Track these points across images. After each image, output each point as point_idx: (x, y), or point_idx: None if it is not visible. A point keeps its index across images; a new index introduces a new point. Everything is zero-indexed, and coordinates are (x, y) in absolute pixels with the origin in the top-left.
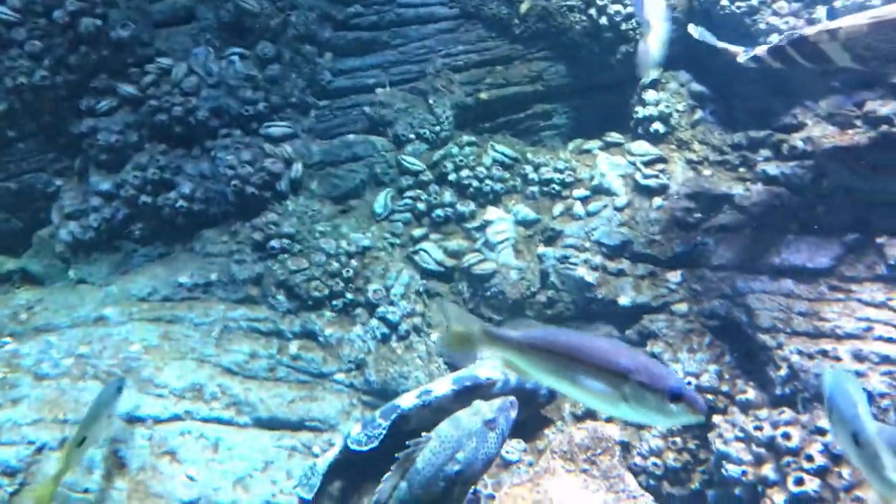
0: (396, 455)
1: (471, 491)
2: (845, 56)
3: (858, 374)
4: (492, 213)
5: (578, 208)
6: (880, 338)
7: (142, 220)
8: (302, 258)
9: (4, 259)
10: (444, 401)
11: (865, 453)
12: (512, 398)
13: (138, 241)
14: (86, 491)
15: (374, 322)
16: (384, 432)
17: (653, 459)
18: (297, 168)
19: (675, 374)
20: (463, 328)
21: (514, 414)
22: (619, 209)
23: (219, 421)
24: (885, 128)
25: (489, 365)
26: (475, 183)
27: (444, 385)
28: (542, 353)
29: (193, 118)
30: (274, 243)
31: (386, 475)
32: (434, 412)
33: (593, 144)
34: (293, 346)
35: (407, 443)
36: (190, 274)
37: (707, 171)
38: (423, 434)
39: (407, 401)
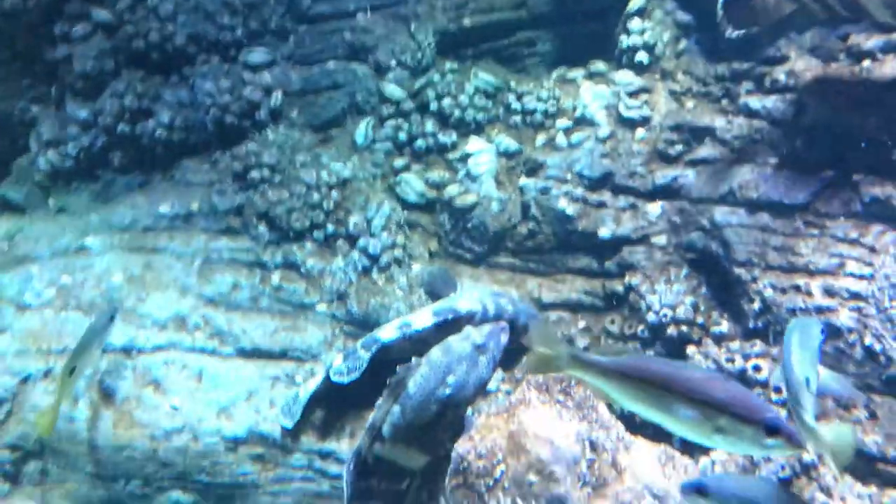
0: (388, 380)
1: (466, 414)
2: (886, 12)
3: (828, 310)
4: (474, 143)
5: (561, 139)
6: (851, 274)
7: (121, 149)
8: (282, 189)
9: None
10: (425, 333)
11: (792, 398)
12: (503, 324)
13: (118, 171)
14: (72, 420)
15: (356, 254)
16: (365, 364)
17: None
18: (277, 96)
19: (770, 407)
20: (549, 351)
21: (505, 339)
22: (601, 140)
23: (202, 351)
24: (867, 62)
25: (469, 297)
26: (457, 112)
27: (424, 317)
28: (633, 381)
29: (170, 45)
30: (254, 173)
31: (379, 400)
32: (414, 343)
33: (577, 73)
34: (275, 277)
35: (397, 368)
36: (171, 204)
37: (690, 103)
38: (414, 359)
39: (388, 333)
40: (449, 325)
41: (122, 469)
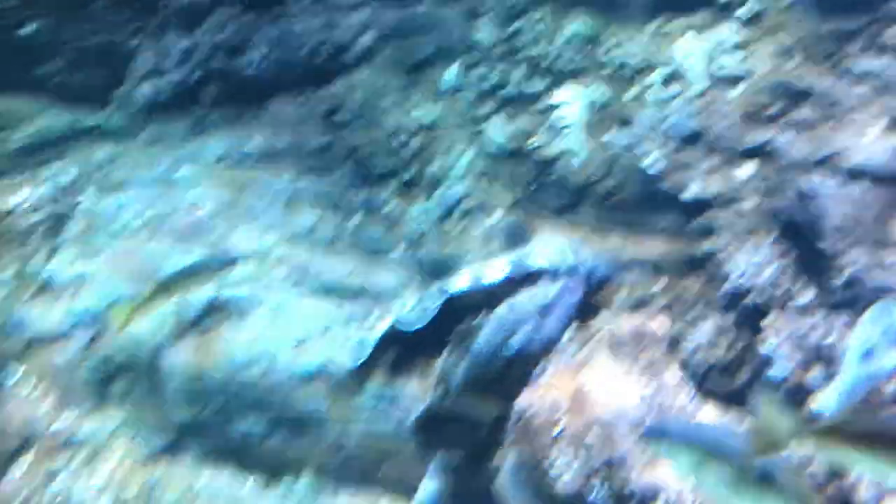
0: (453, 334)
1: (534, 370)
2: None
3: None
4: (562, 93)
5: (652, 94)
6: None
7: (214, 84)
8: (367, 131)
9: (85, 115)
10: (497, 285)
11: None
12: (576, 279)
13: (211, 105)
14: (153, 344)
15: (434, 201)
16: (435, 312)
17: (701, 354)
18: (367, 38)
19: None
20: None
21: (576, 296)
22: (694, 97)
23: (281, 286)
24: None
25: (544, 250)
26: (547, 60)
27: (497, 269)
28: None
29: None
30: (340, 114)
31: (445, 353)
32: (486, 295)
33: (675, 26)
34: (355, 219)
35: (464, 321)
36: (259, 140)
37: (792, 62)
38: (481, 315)
39: (459, 283)
40: (522, 279)
41: (200, 394)
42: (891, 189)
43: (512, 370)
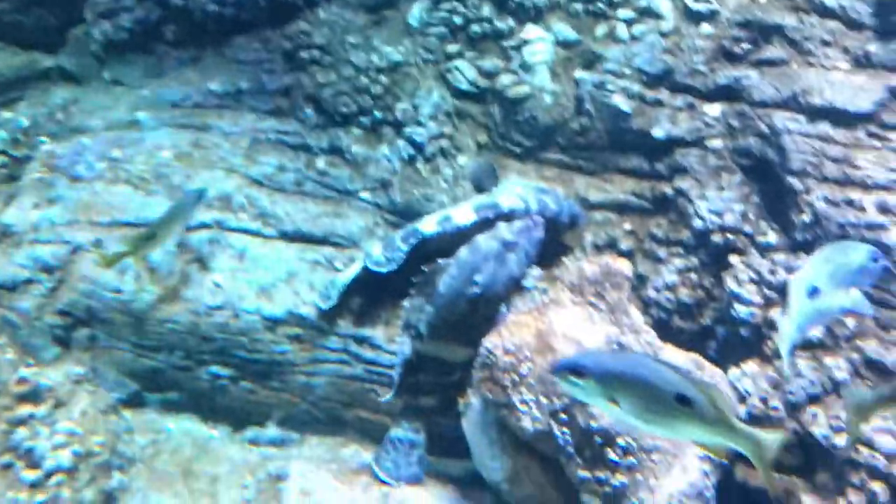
0: (416, 281)
1: (501, 310)
2: None
3: (879, 227)
4: (531, 31)
5: (622, 31)
6: None
7: (174, 23)
8: (331, 71)
9: (41, 56)
10: (465, 228)
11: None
12: (537, 217)
13: (171, 45)
14: (118, 291)
15: (401, 142)
16: (404, 256)
17: (666, 294)
18: None
19: None
20: None
21: (538, 235)
22: (664, 34)
23: (246, 231)
24: None
25: (512, 192)
26: None
27: (465, 212)
28: None
29: None
30: (304, 54)
31: (408, 300)
32: (454, 238)
33: None
34: (320, 162)
35: (423, 268)
36: (221, 81)
37: None
38: (440, 260)
39: (428, 226)
40: (490, 222)
41: (166, 341)
42: (855, 127)
43: (477, 311)
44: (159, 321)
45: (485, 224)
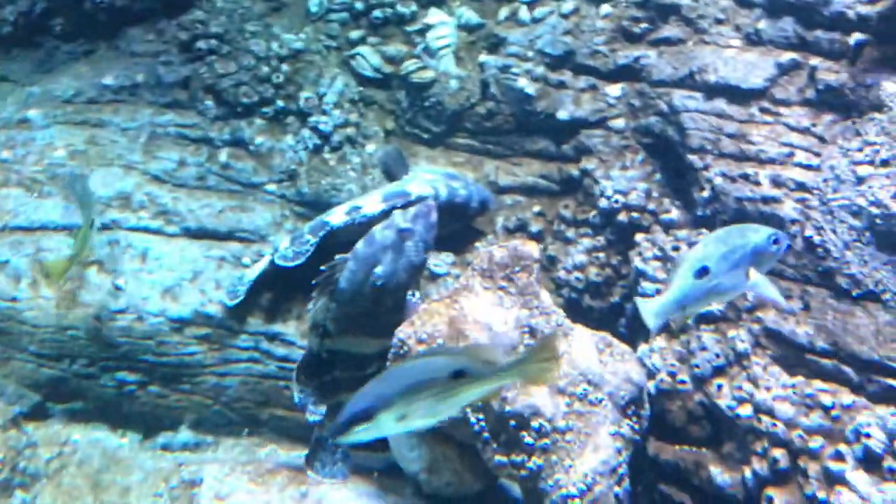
0: (315, 280)
1: (410, 295)
2: None
3: (773, 200)
4: (434, 15)
5: (524, 13)
6: (799, 164)
7: (62, 15)
8: (230, 61)
9: None
10: (374, 218)
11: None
12: (430, 202)
13: (60, 38)
14: (13, 300)
15: (306, 132)
16: (312, 249)
17: (576, 274)
18: None
19: None
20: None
21: (434, 218)
22: (564, 16)
23: (147, 230)
24: None
25: (420, 179)
26: None
27: (374, 201)
28: None
29: None
30: (201, 44)
31: (311, 301)
32: (363, 228)
33: None
34: (223, 155)
35: (321, 268)
36: (115, 75)
37: None
38: (338, 256)
39: (336, 217)
40: (399, 210)
41: (67, 349)
42: (749, 103)
43: (382, 301)
44: (59, 328)
45: (393, 211)
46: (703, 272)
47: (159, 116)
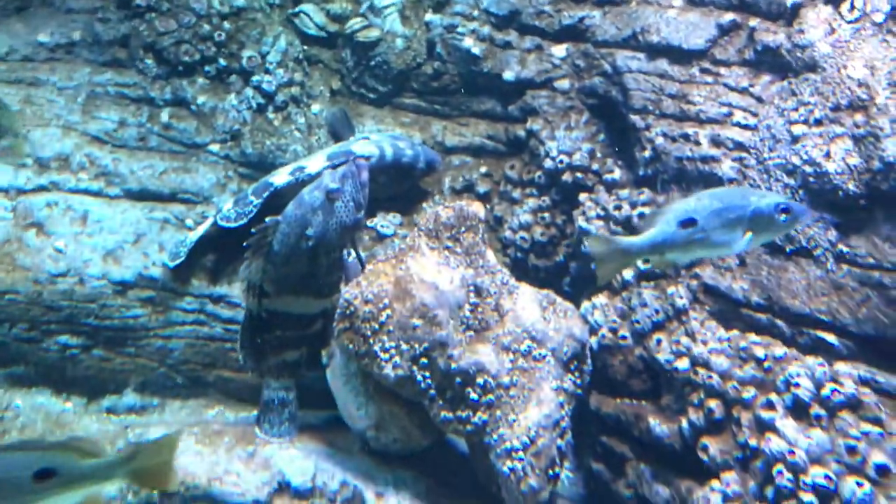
0: (246, 242)
1: (346, 255)
2: None
3: (712, 159)
4: None
5: None
6: (737, 124)
7: None
8: (170, 18)
9: None
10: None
11: None
12: (359, 161)
13: None
14: None
15: (249, 91)
16: (254, 210)
17: (521, 233)
18: None
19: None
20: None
21: (364, 177)
22: None
23: (87, 192)
24: None
25: (366, 140)
26: None
27: (318, 161)
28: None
29: None
30: (140, 1)
31: (244, 263)
32: None
33: None
34: (164, 115)
35: (252, 230)
36: (51, 32)
37: None
38: (268, 219)
39: (280, 178)
40: (328, 170)
41: (6, 313)
42: (690, 63)
43: (317, 261)
44: None
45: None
46: (688, 223)
47: (98, 76)
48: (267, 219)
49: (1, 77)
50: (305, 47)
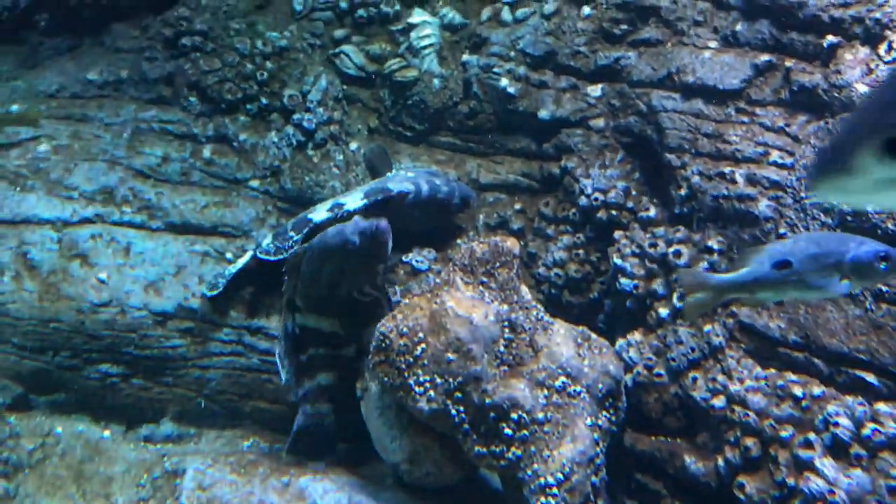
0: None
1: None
2: None
3: (748, 198)
4: (418, 15)
5: (506, 14)
6: (774, 163)
7: (47, 10)
8: (215, 58)
9: None
10: (356, 213)
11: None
12: (382, 223)
13: (45, 33)
14: None
15: (290, 128)
16: (295, 245)
17: (556, 270)
18: None
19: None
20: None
21: (383, 238)
22: (546, 17)
23: (130, 225)
24: None
25: (402, 176)
26: None
27: (356, 198)
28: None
29: None
30: (185, 41)
31: (284, 284)
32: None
33: None
34: (207, 150)
35: (285, 257)
36: (100, 70)
37: None
38: (299, 247)
39: (319, 214)
40: (380, 205)
41: (50, 341)
42: (725, 103)
43: (337, 291)
44: (42, 321)
45: (375, 206)
46: (783, 264)
47: (143, 112)
48: (296, 248)
49: (52, 113)
50: (345, 86)
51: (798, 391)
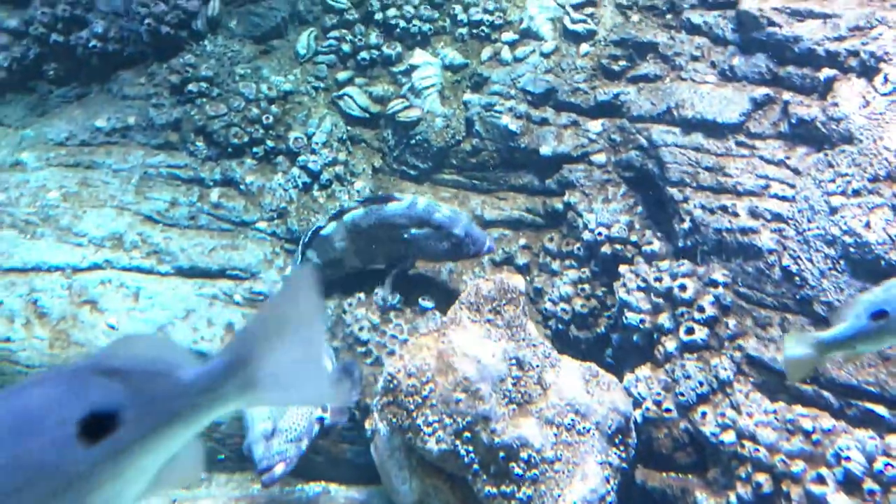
0: None
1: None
2: None
3: (751, 231)
4: (419, 56)
5: (506, 53)
6: (775, 195)
7: (55, 60)
8: (221, 103)
9: None
10: None
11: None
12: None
13: (53, 82)
14: (7, 340)
15: (296, 170)
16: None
17: (562, 305)
18: (214, 5)
19: None
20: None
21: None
22: (545, 55)
23: (139, 270)
24: None
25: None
26: (402, 23)
27: None
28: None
29: None
30: (191, 87)
31: None
32: None
33: None
34: (214, 194)
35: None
36: (107, 118)
37: (635, 17)
38: None
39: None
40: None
41: None
42: (725, 137)
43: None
44: (51, 368)
45: None
46: (879, 315)
47: (151, 158)
48: None
49: (61, 161)
50: (349, 128)
51: (808, 425)
